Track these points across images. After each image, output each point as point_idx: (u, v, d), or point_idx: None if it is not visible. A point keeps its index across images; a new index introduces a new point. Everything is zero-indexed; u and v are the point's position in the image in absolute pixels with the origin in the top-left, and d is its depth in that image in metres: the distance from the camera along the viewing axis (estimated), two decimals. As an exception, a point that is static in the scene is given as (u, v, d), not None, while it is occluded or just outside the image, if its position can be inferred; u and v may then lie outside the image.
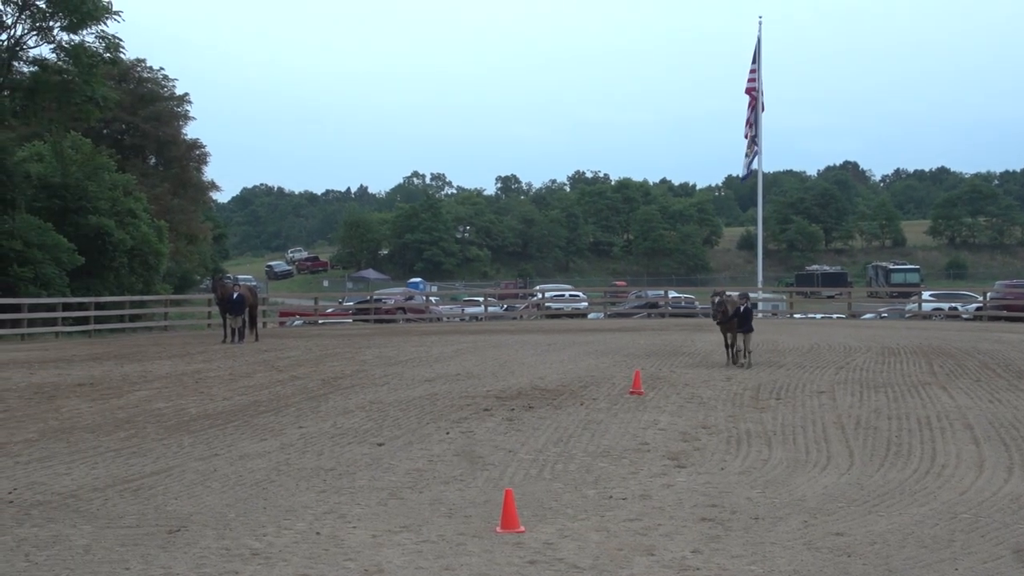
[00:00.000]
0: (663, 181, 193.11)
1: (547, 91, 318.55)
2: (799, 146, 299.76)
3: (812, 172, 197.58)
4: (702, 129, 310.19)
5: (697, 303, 59.81)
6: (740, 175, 64.25)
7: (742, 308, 23.93)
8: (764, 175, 63.69)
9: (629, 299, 65.52)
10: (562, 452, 13.99)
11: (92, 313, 42.08)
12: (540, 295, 62.99)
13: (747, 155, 56.33)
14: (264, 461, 13.61)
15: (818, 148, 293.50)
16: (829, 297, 67.24)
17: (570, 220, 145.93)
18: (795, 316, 53.31)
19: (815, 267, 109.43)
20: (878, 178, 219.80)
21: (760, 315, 53.30)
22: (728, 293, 26.27)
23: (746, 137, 56.23)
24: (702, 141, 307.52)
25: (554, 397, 19.25)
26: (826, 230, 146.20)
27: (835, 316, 53.74)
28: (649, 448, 14.24)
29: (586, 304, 63.54)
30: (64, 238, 43.73)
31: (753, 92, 55.71)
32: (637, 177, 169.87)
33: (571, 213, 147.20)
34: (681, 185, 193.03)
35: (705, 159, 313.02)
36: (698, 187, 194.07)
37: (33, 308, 39.65)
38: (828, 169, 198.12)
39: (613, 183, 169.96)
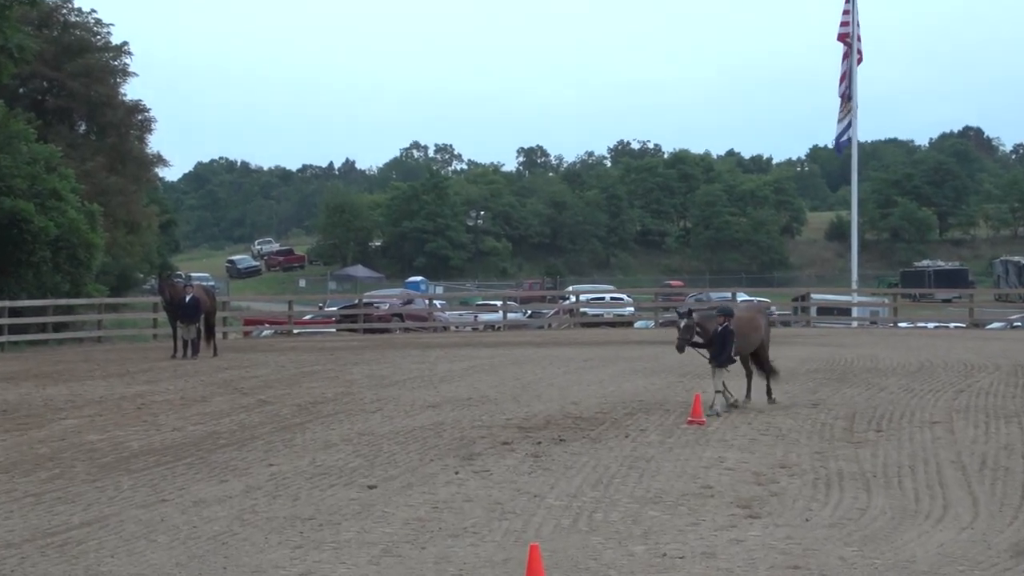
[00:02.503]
0: (730, 154, 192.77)
1: (581, 40, 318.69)
2: (906, 109, 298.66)
3: (922, 142, 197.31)
4: (779, 88, 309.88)
5: (774, 308, 59.64)
6: (833, 145, 64.08)
7: (720, 329, 21.22)
8: (860, 145, 63.61)
9: (687, 303, 65.38)
10: (602, 497, 13.95)
11: (5, 321, 42.12)
12: (573, 298, 62.89)
13: (840, 119, 56.21)
14: (224, 508, 13.63)
15: (930, 111, 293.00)
16: (945, 301, 66.91)
17: (611, 203, 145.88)
18: (900, 325, 53.09)
19: (926, 262, 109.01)
20: (1008, 148, 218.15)
21: (854, 323, 53.16)
22: (710, 300, 25.23)
23: (840, 96, 56.10)
24: (779, 103, 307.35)
25: (591, 427, 19.20)
26: (940, 215, 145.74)
27: (952, 325, 53.47)
28: (713, 493, 14.19)
29: (632, 310, 63.42)
30: (-31, 226, 43.74)
31: (847, 39, 55.62)
32: (696, 149, 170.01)
33: (612, 194, 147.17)
34: (753, 159, 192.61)
35: (784, 126, 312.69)
36: (775, 161, 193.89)
37: (-71, 315, 39.78)
38: (943, 138, 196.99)
39: (666, 156, 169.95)
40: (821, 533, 12.22)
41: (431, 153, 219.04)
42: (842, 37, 55.77)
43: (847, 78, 55.45)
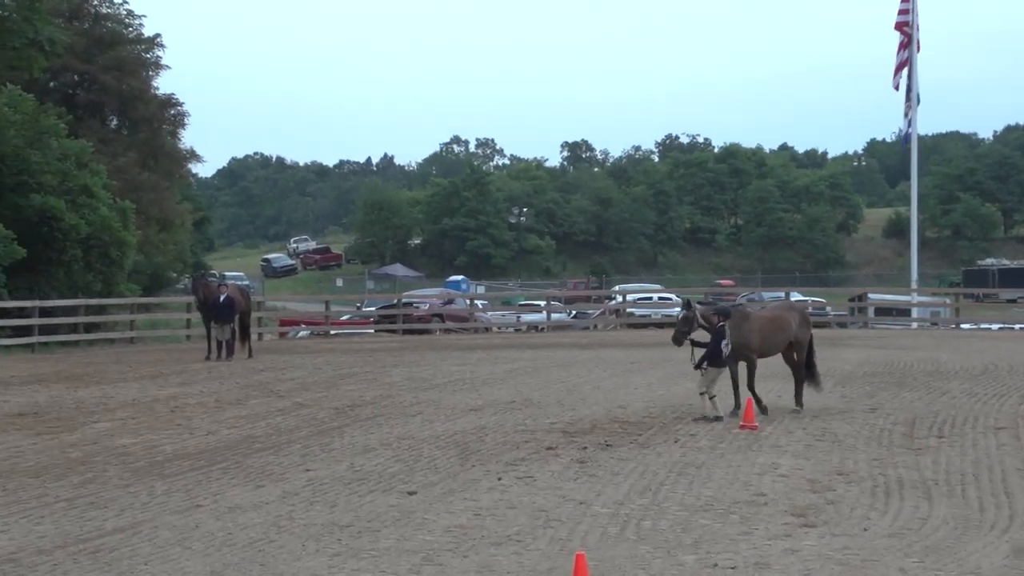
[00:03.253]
0: (783, 148, 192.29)
1: (627, 31, 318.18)
2: (968, 100, 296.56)
3: (986, 135, 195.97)
4: (835, 79, 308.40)
5: (830, 309, 59.40)
6: (893, 138, 64.13)
7: (719, 327, 20.95)
8: (920, 139, 63.22)
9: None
10: (650, 505, 13.93)
11: (35, 321, 42.39)
12: (619, 298, 62.82)
13: (906, 113, 55.88)
14: (260, 515, 13.68)
15: (994, 103, 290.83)
16: (1010, 301, 66.40)
17: (659, 199, 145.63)
18: (962, 326, 52.74)
19: (990, 261, 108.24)
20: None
21: (914, 325, 52.84)
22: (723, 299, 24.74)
23: (896, 88, 55.80)
24: (835, 94, 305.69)
25: (639, 432, 19.18)
26: (1006, 211, 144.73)
27: (1018, 327, 53.09)
28: (767, 500, 14.14)
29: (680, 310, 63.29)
30: None
31: (906, 27, 55.33)
32: (748, 143, 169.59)
33: (660, 190, 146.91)
34: (807, 153, 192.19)
35: (840, 118, 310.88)
36: (830, 155, 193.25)
37: (-41, 315, 40.11)
38: (1008, 130, 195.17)
39: (716, 151, 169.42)
40: (880, 543, 12.15)
41: (472, 148, 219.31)
42: (899, 26, 55.48)
43: (905, 68, 55.13)
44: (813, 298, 66.48)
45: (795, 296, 61.53)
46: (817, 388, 22.13)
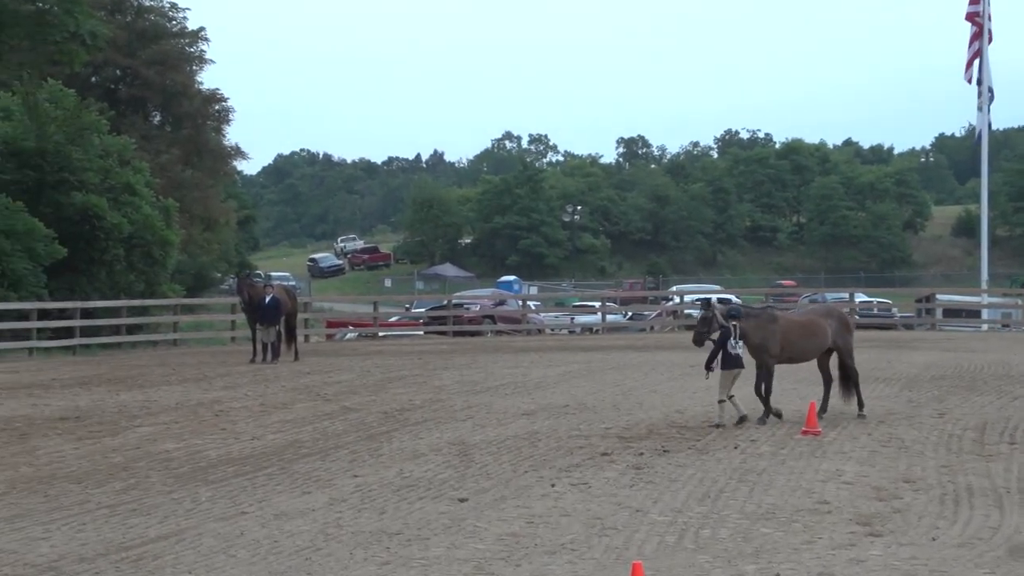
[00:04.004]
0: (848, 143, 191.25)
1: (684, 21, 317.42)
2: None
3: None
4: (901, 72, 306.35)
5: (896, 310, 59.04)
6: (962, 133, 63.74)
7: (724, 328, 20.92)
8: (992, 133, 62.72)
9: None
10: (709, 512, 13.90)
11: (77, 323, 42.68)
12: (677, 299, 62.67)
13: (979, 107, 55.47)
14: (307, 522, 13.74)
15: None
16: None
17: (718, 197, 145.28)
18: (1034, 328, 52.27)
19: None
20: None
21: (984, 326, 52.43)
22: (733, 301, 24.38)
23: (968, 81, 55.40)
24: (902, 88, 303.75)
25: (698, 437, 19.15)
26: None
27: (1091, 328, 52.60)
28: (830, 508, 14.08)
29: (741, 311, 63.05)
30: (40, 222, 44.41)
31: (977, 18, 54.90)
32: (811, 138, 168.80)
33: (719, 187, 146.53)
34: (873, 149, 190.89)
35: (906, 113, 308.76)
36: (896, 151, 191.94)
37: (-1, 316, 40.48)
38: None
39: (777, 146, 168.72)
40: (949, 553, 12.07)
41: (525, 144, 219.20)
42: (970, 16, 55.05)
43: (977, 60, 54.71)
44: (878, 299, 66.19)
45: (860, 297, 61.33)
46: (847, 399, 21.76)
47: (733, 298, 64.29)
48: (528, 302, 63.66)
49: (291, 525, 13.57)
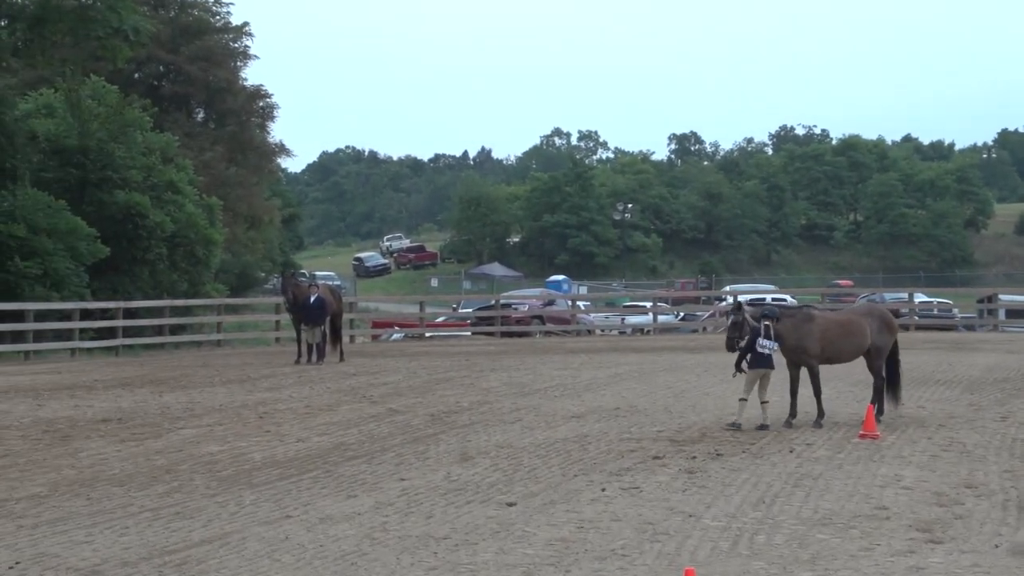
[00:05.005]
0: (906, 139, 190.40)
1: (736, 13, 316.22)
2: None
3: None
4: (962, 66, 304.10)
5: (957, 311, 58.63)
6: None
7: (754, 327, 20.90)
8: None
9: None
10: (764, 518, 13.85)
11: (120, 323, 42.98)
12: (730, 299, 62.47)
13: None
14: (353, 526, 13.77)
15: None
16: None
17: (773, 194, 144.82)
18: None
19: None
20: None
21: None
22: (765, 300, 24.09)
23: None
24: (962, 82, 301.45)
25: (752, 441, 19.09)
26: None
27: None
28: (889, 514, 14.00)
29: (796, 312, 62.79)
30: (82, 221, 44.70)
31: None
32: (868, 134, 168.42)
33: (774, 184, 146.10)
34: (933, 145, 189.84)
35: (968, 107, 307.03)
36: (958, 147, 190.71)
37: (41, 316, 40.77)
38: None
39: (834, 143, 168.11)
40: (1012, 561, 11.98)
41: (574, 140, 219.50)
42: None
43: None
44: (939, 299, 65.69)
45: (919, 297, 60.90)
46: (895, 403, 21.62)
47: (768, 298, 64.26)
48: (578, 302, 63.68)
49: (336, 529, 13.60)
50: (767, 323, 20.76)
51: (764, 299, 63.54)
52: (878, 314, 22.36)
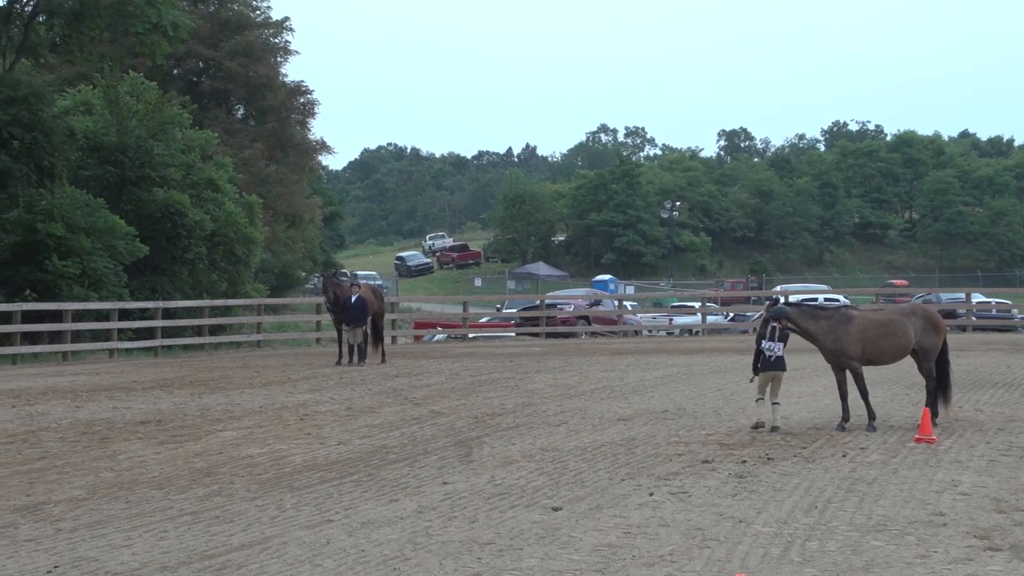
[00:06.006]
0: (964, 135, 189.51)
1: (787, 7, 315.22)
2: None
3: None
4: (1020, 59, 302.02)
5: (1016, 312, 58.30)
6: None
7: (767, 328, 21.06)
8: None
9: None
10: (816, 524, 13.79)
11: (159, 323, 43.20)
12: (781, 299, 62.28)
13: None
14: (395, 530, 13.79)
15: None
16: None
17: (825, 192, 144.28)
18: None
19: None
20: None
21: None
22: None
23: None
24: (1022, 75, 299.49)
25: (803, 444, 19.02)
26: None
27: None
28: (946, 521, 13.93)
29: (850, 313, 62.56)
30: (121, 219, 44.95)
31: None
32: (924, 130, 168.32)
33: (826, 182, 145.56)
34: (991, 141, 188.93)
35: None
36: (1017, 143, 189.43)
37: (79, 316, 41.03)
38: None
39: (889, 139, 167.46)
40: (1073, 569, 11.90)
41: (621, 137, 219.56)
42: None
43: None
44: (997, 299, 65.36)
45: (977, 297, 60.59)
46: (945, 405, 21.40)
47: (781, 299, 64.05)
48: (624, 302, 63.66)
49: (378, 534, 13.62)
50: (774, 324, 20.72)
51: (816, 299, 63.60)
52: (922, 313, 22.01)
